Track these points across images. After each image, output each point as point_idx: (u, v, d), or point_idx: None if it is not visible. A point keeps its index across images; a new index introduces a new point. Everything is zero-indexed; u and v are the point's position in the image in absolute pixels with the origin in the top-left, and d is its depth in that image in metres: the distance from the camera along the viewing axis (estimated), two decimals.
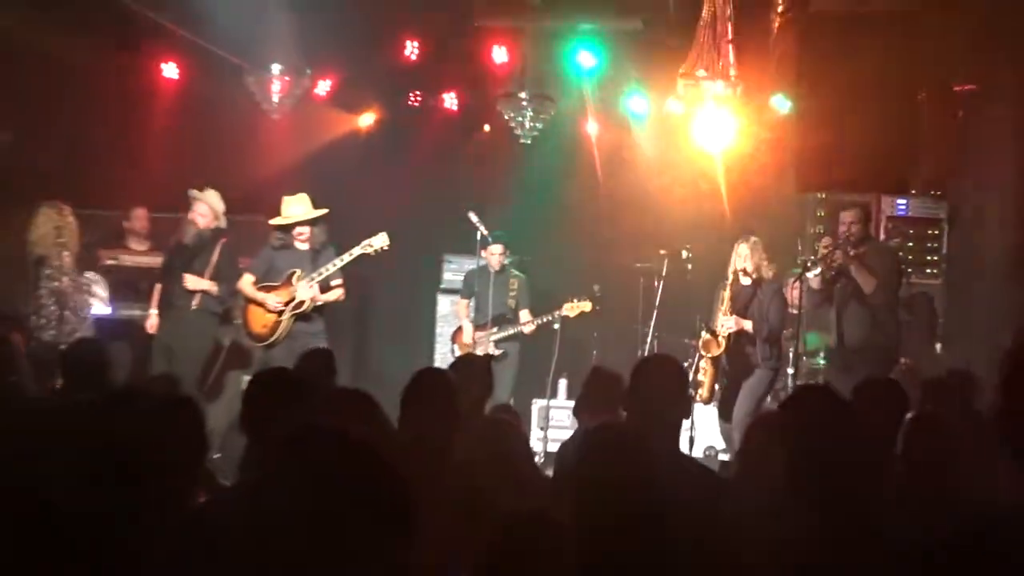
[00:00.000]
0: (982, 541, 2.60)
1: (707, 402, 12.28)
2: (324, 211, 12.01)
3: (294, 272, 11.84)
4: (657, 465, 4.16)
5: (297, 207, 11.99)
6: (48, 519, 3.21)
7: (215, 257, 12.04)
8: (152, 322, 12.26)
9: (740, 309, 11.59)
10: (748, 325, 11.50)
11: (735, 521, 4.67)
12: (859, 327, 11.06)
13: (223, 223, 12.22)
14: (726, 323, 11.59)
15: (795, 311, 11.63)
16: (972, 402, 7.35)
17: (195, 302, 12.00)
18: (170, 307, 12.09)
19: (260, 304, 11.88)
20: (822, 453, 4.29)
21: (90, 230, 12.70)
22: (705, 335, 11.89)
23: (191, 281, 11.88)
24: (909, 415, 6.11)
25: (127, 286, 13.23)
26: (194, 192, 12.21)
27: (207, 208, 12.13)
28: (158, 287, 12.33)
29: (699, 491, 5.12)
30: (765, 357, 11.51)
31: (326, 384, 7.14)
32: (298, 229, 11.94)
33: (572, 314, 13.03)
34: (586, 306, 13.03)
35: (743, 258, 11.55)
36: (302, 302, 11.75)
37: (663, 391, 5.56)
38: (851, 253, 11.08)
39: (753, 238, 11.67)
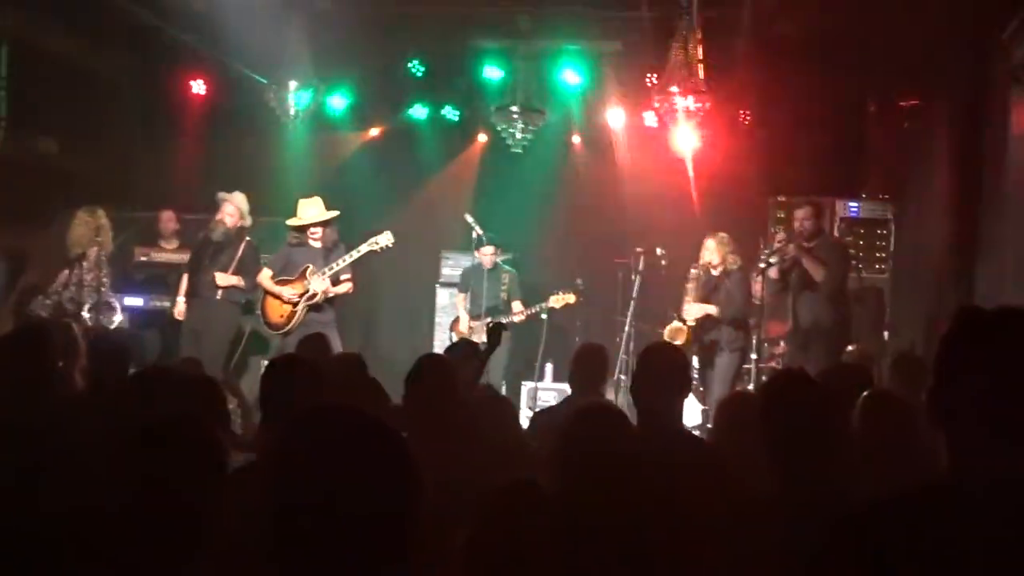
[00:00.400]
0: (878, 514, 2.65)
1: None
2: (335, 213, 12.22)
3: (307, 267, 12.05)
4: (637, 440, 4.29)
5: (312, 209, 12.20)
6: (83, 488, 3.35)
7: (239, 253, 12.25)
8: (180, 309, 12.48)
9: (707, 297, 11.84)
10: (713, 310, 11.74)
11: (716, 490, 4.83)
12: (811, 311, 11.35)
13: (248, 222, 12.42)
14: (691, 311, 11.80)
15: (758, 302, 11.76)
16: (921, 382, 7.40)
17: (220, 293, 12.20)
18: (197, 296, 12.29)
19: (277, 296, 12.08)
20: (790, 427, 4.44)
21: (126, 230, 12.85)
22: (674, 324, 12.07)
23: (220, 278, 12.13)
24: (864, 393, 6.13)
25: (158, 279, 13.43)
26: (223, 194, 12.39)
27: (234, 208, 12.32)
28: (185, 277, 12.53)
29: (693, 464, 5.20)
30: (729, 340, 11.78)
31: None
32: (312, 229, 12.13)
33: (558, 305, 13.17)
34: (570, 298, 13.16)
35: (711, 251, 11.79)
36: (315, 294, 11.92)
37: (667, 375, 5.69)
38: (804, 246, 11.27)
39: (720, 234, 11.91)
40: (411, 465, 2.42)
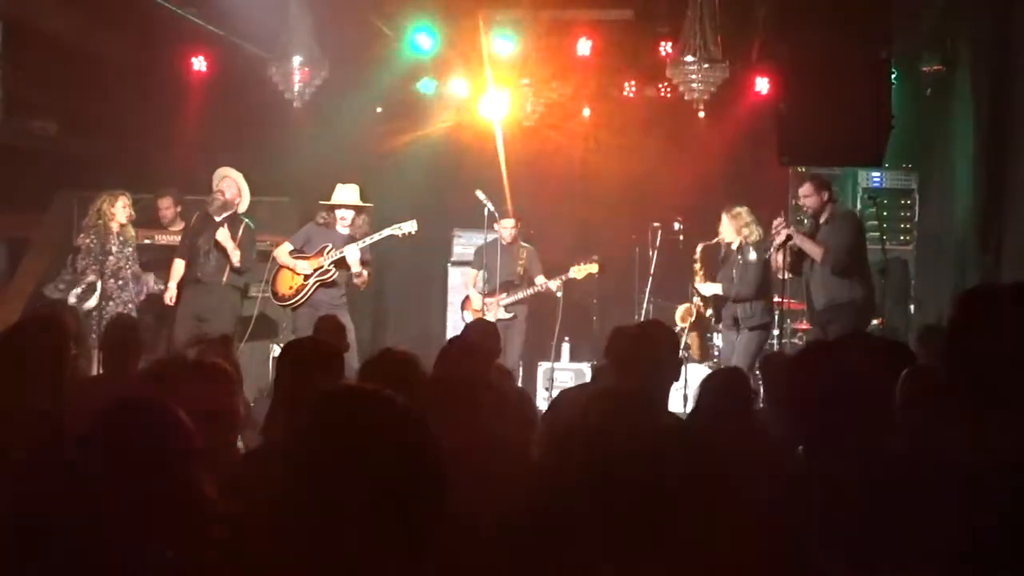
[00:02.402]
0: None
1: (701, 360, 12.62)
2: (370, 204, 12.45)
3: (327, 245, 12.27)
4: (658, 428, 4.19)
5: (346, 194, 12.42)
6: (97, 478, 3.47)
7: (239, 233, 12.37)
8: (171, 295, 12.49)
9: (720, 273, 12.08)
10: (717, 288, 12.02)
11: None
12: (824, 290, 11.43)
13: (246, 198, 12.59)
14: (700, 289, 11.99)
15: (781, 276, 11.86)
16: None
17: (224, 277, 12.31)
18: (198, 281, 12.39)
19: (291, 269, 12.30)
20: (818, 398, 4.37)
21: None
22: (684, 306, 12.20)
23: (221, 234, 12.19)
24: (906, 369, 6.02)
25: (160, 264, 13.28)
26: (221, 169, 12.57)
27: (232, 182, 12.50)
28: (179, 263, 12.58)
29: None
30: (745, 317, 11.92)
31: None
32: (341, 213, 12.35)
33: (580, 276, 13.32)
34: (593, 268, 13.29)
35: (724, 228, 11.93)
36: (328, 271, 12.16)
37: (653, 356, 5.79)
38: (795, 231, 11.51)
39: (735, 208, 12.12)
40: (439, 453, 2.49)
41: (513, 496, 3.94)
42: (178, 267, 12.59)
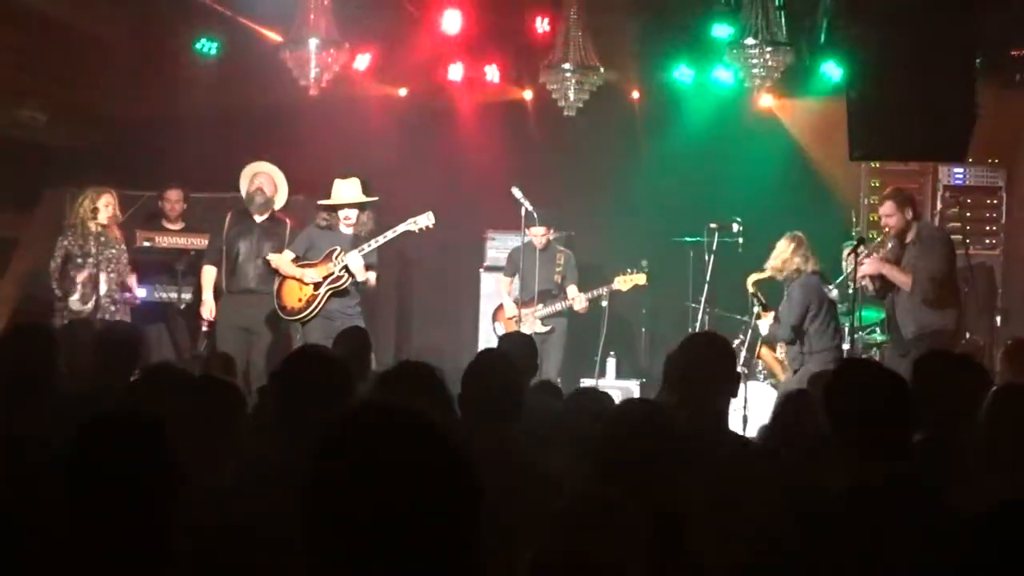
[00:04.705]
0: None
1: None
2: (375, 199, 12.28)
3: (335, 249, 12.07)
4: (679, 444, 4.37)
5: (347, 190, 12.23)
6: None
7: (287, 236, 12.43)
8: (210, 307, 12.48)
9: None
10: (764, 329, 11.98)
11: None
12: (912, 319, 11.28)
13: (284, 193, 12.63)
14: (760, 327, 11.95)
15: (851, 283, 11.59)
16: None
17: (276, 285, 12.26)
18: (246, 291, 12.44)
19: (297, 279, 12.10)
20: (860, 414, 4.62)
21: (125, 211, 12.88)
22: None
23: (276, 259, 12.17)
24: (993, 388, 6.14)
25: (162, 267, 13.33)
26: (253, 165, 12.62)
27: (268, 178, 12.52)
28: (209, 268, 12.56)
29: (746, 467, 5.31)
30: (791, 359, 11.82)
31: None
32: (344, 212, 12.19)
33: (625, 288, 13.22)
34: (640, 279, 13.19)
35: (772, 256, 11.69)
36: (340, 277, 11.98)
37: (708, 371, 5.69)
38: (879, 258, 11.36)
39: (794, 235, 11.81)
40: (474, 472, 2.42)
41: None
42: (209, 274, 12.59)
